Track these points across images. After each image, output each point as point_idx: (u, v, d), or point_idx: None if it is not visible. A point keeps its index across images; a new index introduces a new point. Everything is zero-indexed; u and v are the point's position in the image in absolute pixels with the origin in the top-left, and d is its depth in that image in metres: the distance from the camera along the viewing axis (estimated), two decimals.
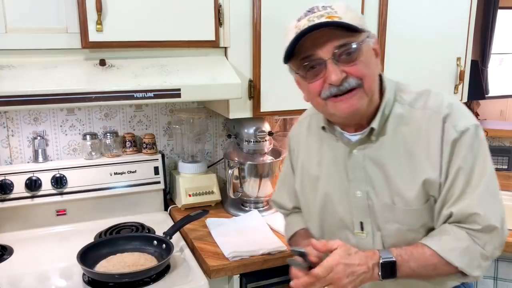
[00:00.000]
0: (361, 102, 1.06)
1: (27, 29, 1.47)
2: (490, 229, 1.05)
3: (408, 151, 1.10)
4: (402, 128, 1.12)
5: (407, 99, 1.14)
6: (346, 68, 1.03)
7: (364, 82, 1.05)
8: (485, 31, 4.68)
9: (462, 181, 1.06)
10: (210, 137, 2.16)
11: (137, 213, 1.91)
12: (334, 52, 1.02)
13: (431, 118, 1.09)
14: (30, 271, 1.48)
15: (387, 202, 1.12)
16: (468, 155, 1.06)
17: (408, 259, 1.05)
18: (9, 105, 1.37)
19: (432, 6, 1.97)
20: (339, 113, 1.08)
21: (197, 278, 1.43)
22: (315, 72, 1.06)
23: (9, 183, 1.71)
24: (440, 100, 1.11)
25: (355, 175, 1.17)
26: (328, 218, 1.24)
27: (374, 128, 1.11)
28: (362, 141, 1.15)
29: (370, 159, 1.14)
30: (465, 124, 1.07)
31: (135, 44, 1.56)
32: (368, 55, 1.07)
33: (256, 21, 1.68)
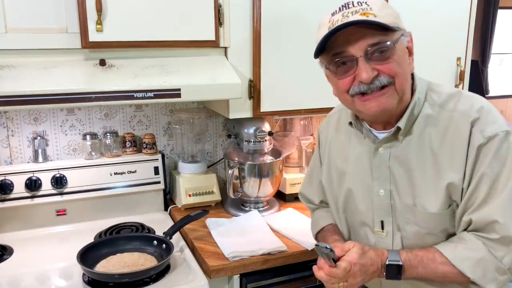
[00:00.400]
0: (391, 101, 1.05)
1: (27, 29, 1.47)
2: (508, 241, 1.02)
3: (434, 153, 1.08)
4: (430, 130, 1.10)
5: (438, 100, 1.12)
6: (378, 66, 1.02)
7: (396, 81, 1.03)
8: (485, 31, 4.68)
9: (485, 188, 1.03)
10: (210, 137, 2.15)
11: (137, 213, 1.91)
12: (366, 50, 1.01)
13: (460, 121, 1.07)
14: (30, 271, 1.48)
15: (409, 204, 1.11)
16: (494, 162, 1.03)
17: (417, 265, 1.04)
18: (9, 105, 1.37)
19: (432, 6, 1.96)
20: (367, 111, 1.07)
21: (197, 278, 1.43)
22: (345, 69, 1.04)
23: (9, 183, 1.71)
24: (471, 103, 1.08)
25: (379, 173, 1.16)
26: (350, 215, 1.24)
27: (400, 128, 1.10)
28: (389, 140, 1.13)
29: (395, 158, 1.13)
30: (493, 130, 1.04)
31: (135, 44, 1.56)
32: (402, 54, 1.05)
33: (256, 21, 1.68)
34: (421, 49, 2.00)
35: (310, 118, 2.12)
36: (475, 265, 1.03)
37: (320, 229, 1.37)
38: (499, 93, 5.19)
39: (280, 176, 1.96)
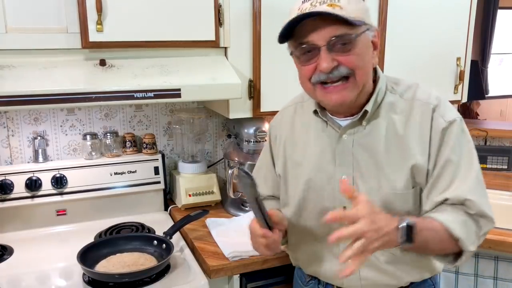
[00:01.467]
0: (351, 94, 1.10)
1: (27, 29, 1.47)
2: (483, 215, 1.09)
3: (398, 137, 1.14)
4: (393, 116, 1.16)
5: (398, 89, 1.19)
6: (339, 57, 1.05)
7: (356, 73, 1.08)
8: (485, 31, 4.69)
9: (452, 169, 1.10)
10: (210, 137, 2.16)
11: (137, 213, 1.91)
12: (329, 40, 1.04)
13: (421, 108, 1.14)
14: (30, 271, 1.48)
15: (374, 186, 1.15)
16: (457, 145, 1.11)
17: (423, 227, 1.04)
18: (9, 105, 1.37)
19: (432, 6, 1.97)
20: (327, 101, 1.12)
21: (197, 278, 1.43)
22: (309, 56, 1.08)
23: (9, 183, 1.71)
24: (428, 93, 1.17)
25: (342, 160, 1.18)
26: (310, 204, 1.25)
27: (367, 112, 1.14)
28: (353, 125, 1.17)
29: (359, 144, 1.17)
30: (452, 115, 1.13)
31: (135, 44, 1.56)
32: (364, 47, 1.08)
33: (256, 21, 1.68)
34: (421, 49, 2.02)
35: None
36: (461, 226, 1.07)
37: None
38: (499, 93, 5.20)
39: None
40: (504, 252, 1.72)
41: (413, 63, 1.99)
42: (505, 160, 2.46)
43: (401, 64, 1.96)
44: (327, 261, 1.25)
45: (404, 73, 1.96)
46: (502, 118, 5.37)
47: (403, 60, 1.97)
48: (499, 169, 2.45)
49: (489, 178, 2.34)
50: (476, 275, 1.81)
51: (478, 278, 1.82)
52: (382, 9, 1.88)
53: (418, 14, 1.96)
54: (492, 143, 2.61)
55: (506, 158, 2.46)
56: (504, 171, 2.44)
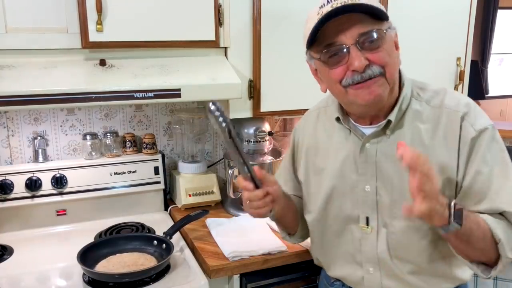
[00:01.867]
0: (383, 89, 1.05)
1: (27, 29, 1.47)
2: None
3: (425, 147, 1.09)
4: (419, 124, 1.11)
5: (424, 96, 1.13)
6: (369, 56, 1.02)
7: (386, 71, 1.04)
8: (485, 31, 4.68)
9: (484, 181, 1.04)
10: (210, 137, 2.16)
11: (137, 213, 1.91)
12: (357, 38, 1.01)
13: (449, 116, 1.08)
14: (30, 271, 1.48)
15: (398, 199, 1.11)
16: (487, 155, 1.05)
17: (471, 218, 0.99)
18: (9, 105, 1.37)
19: (432, 6, 1.97)
20: (360, 100, 1.05)
21: (197, 278, 1.43)
22: (337, 59, 1.04)
23: (9, 183, 1.71)
24: (457, 99, 1.10)
25: (365, 169, 1.15)
26: (332, 211, 1.23)
27: (391, 121, 1.10)
28: (376, 135, 1.13)
29: (383, 153, 1.13)
30: (483, 123, 1.06)
31: (135, 44, 1.56)
32: (391, 45, 1.06)
33: (256, 21, 1.68)
34: (421, 49, 2.02)
35: None
36: (504, 229, 1.02)
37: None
38: (499, 93, 5.19)
39: None
40: None
41: (413, 63, 1.98)
42: None
43: (401, 64, 1.96)
44: (350, 267, 1.23)
45: None
46: (502, 118, 5.37)
47: (402, 60, 1.96)
48: None
49: None
50: (476, 275, 1.81)
51: (478, 278, 1.82)
52: None
53: (418, 14, 1.96)
54: None
55: None
56: None
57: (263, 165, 1.87)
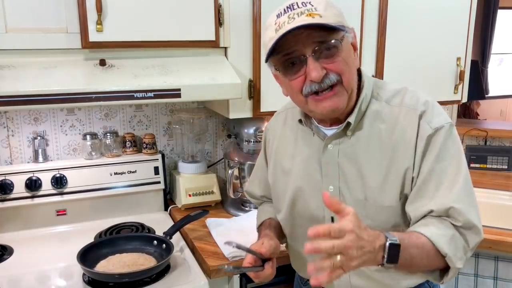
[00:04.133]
0: (342, 99, 1.07)
1: (27, 29, 1.47)
2: (469, 225, 1.04)
3: (384, 147, 1.10)
4: (378, 125, 1.12)
5: (384, 95, 1.15)
6: (326, 65, 1.03)
7: (343, 78, 1.05)
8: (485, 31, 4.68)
9: (437, 178, 1.06)
10: (210, 137, 2.16)
11: (137, 213, 1.91)
12: (314, 48, 1.02)
13: (408, 115, 1.09)
14: (30, 271, 1.48)
15: (360, 198, 1.12)
16: (443, 152, 1.06)
17: (409, 245, 0.99)
18: (9, 105, 1.37)
19: (432, 6, 1.97)
20: (320, 111, 1.08)
21: (197, 278, 1.43)
22: (296, 68, 1.05)
23: (9, 183, 1.71)
24: (416, 98, 1.12)
25: (328, 170, 1.17)
26: (299, 211, 1.24)
27: (350, 123, 1.12)
28: (338, 136, 1.15)
29: (344, 154, 1.15)
30: (440, 121, 1.08)
31: (135, 44, 1.56)
32: (347, 51, 1.07)
33: (256, 21, 1.68)
34: (421, 49, 2.02)
35: None
36: (449, 241, 1.02)
37: (260, 223, 1.39)
38: (499, 93, 5.20)
39: None
40: (504, 252, 1.72)
41: (413, 63, 1.99)
42: (505, 160, 2.46)
43: (401, 65, 1.96)
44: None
45: (404, 73, 1.98)
46: (502, 118, 5.37)
47: (403, 60, 1.97)
48: (499, 169, 2.45)
49: (489, 178, 2.34)
50: (476, 275, 1.81)
51: (478, 278, 1.82)
52: (382, 10, 1.88)
53: (418, 14, 1.96)
54: (492, 143, 2.61)
55: (506, 158, 2.46)
56: (504, 171, 2.45)
57: None
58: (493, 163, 2.46)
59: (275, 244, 1.22)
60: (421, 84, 1.95)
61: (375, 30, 1.89)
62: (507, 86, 5.34)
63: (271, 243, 1.21)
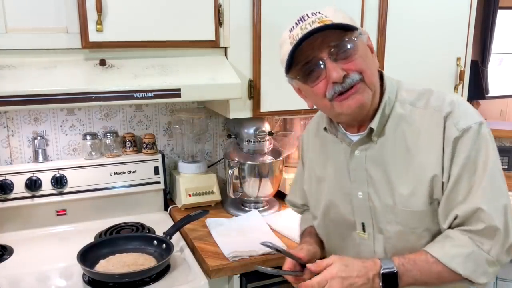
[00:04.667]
0: (366, 96, 1.06)
1: (27, 29, 1.47)
2: (493, 231, 1.02)
3: (410, 151, 1.09)
4: (404, 128, 1.11)
5: (409, 98, 1.13)
6: (345, 66, 1.04)
7: (364, 76, 1.05)
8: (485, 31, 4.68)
9: (466, 181, 1.04)
10: (210, 137, 2.16)
11: (137, 213, 1.91)
12: (330, 51, 1.03)
13: (433, 117, 1.07)
14: (30, 271, 1.48)
15: (389, 203, 1.11)
16: (471, 154, 1.04)
17: (411, 268, 1.03)
18: (9, 105, 1.37)
19: (432, 6, 1.97)
20: (346, 110, 1.07)
21: (197, 278, 1.43)
22: (315, 75, 1.06)
23: (9, 183, 1.71)
24: (442, 99, 1.10)
25: (356, 176, 1.17)
26: (333, 218, 1.25)
27: (373, 129, 1.11)
28: (363, 141, 1.14)
29: (371, 159, 1.14)
30: (467, 122, 1.05)
31: (135, 44, 1.56)
32: (364, 50, 1.07)
33: (256, 21, 1.68)
34: (421, 49, 2.02)
35: (310, 118, 2.12)
36: (465, 260, 1.02)
37: (302, 231, 1.41)
38: (499, 93, 5.20)
39: (280, 176, 1.96)
40: None
41: (413, 63, 1.99)
42: (505, 160, 2.46)
43: (401, 64, 1.96)
44: None
45: (404, 74, 1.96)
46: (502, 118, 5.37)
47: (403, 60, 1.97)
48: None
49: None
50: None
51: None
52: (382, 10, 1.88)
53: (418, 14, 1.95)
54: None
55: (506, 158, 2.46)
56: (504, 171, 2.43)
57: (263, 165, 1.87)
58: None
59: (314, 250, 1.23)
60: (421, 84, 1.94)
61: (375, 30, 1.89)
62: (507, 86, 5.34)
63: (309, 248, 1.22)
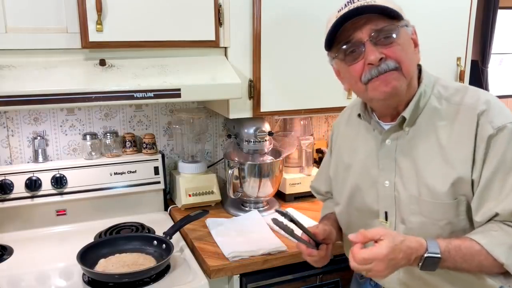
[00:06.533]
0: (400, 83, 1.08)
1: (27, 29, 1.47)
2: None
3: (441, 145, 1.10)
4: (436, 122, 1.12)
5: (444, 93, 1.15)
6: (384, 50, 1.06)
7: (402, 66, 1.07)
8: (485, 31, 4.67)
9: (502, 179, 1.04)
10: (210, 137, 2.16)
11: (137, 213, 1.91)
12: (371, 34, 1.05)
13: (467, 114, 1.08)
14: (30, 271, 1.48)
15: (414, 194, 1.13)
16: (507, 152, 1.04)
17: (455, 255, 1.01)
18: (9, 105, 1.37)
19: (432, 6, 1.96)
20: (378, 94, 1.09)
21: (197, 278, 1.43)
22: (354, 56, 1.08)
23: (9, 183, 1.71)
24: (477, 96, 1.11)
25: (385, 165, 1.18)
26: (356, 205, 1.26)
27: (405, 118, 1.12)
28: (394, 130, 1.16)
29: (401, 149, 1.16)
30: (502, 120, 1.05)
31: (135, 44, 1.56)
32: (406, 41, 1.09)
33: (256, 21, 1.68)
34: (421, 49, 2.01)
35: (310, 118, 2.12)
36: (509, 250, 1.02)
37: (323, 216, 1.43)
38: (499, 93, 5.19)
39: (280, 176, 1.96)
40: None
41: None
42: None
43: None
44: None
45: None
46: None
47: None
48: None
49: None
50: None
51: None
52: None
53: (418, 14, 1.94)
54: None
55: None
56: None
57: (263, 165, 1.87)
58: None
59: (330, 230, 1.24)
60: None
61: None
62: (507, 86, 5.34)
63: (326, 228, 1.23)
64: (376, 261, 0.97)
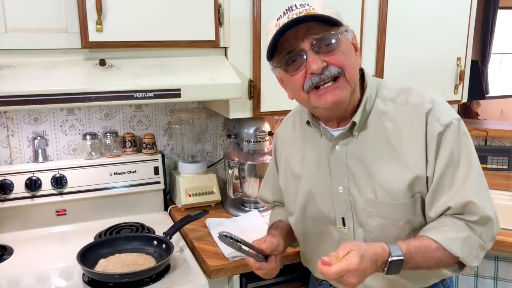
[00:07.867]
0: (344, 92, 1.08)
1: (27, 29, 1.47)
2: (485, 220, 1.07)
3: (391, 146, 1.12)
4: (385, 123, 1.13)
5: (389, 95, 1.16)
6: (326, 58, 1.05)
7: (345, 72, 1.07)
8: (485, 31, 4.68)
9: (452, 173, 1.08)
10: (210, 137, 2.16)
11: (137, 213, 1.91)
12: (313, 43, 1.05)
13: (414, 113, 1.11)
14: (30, 271, 1.48)
15: (370, 198, 1.13)
16: (455, 148, 1.08)
17: (416, 254, 1.04)
18: (9, 105, 1.37)
19: (432, 6, 1.97)
20: (322, 105, 1.09)
21: (197, 278, 1.43)
22: (296, 65, 1.08)
23: (9, 183, 1.71)
24: (422, 96, 1.13)
25: (337, 171, 1.18)
26: (311, 214, 1.25)
27: (355, 123, 1.13)
28: (344, 136, 1.16)
29: (352, 154, 1.16)
30: (448, 118, 1.09)
31: (135, 44, 1.56)
32: (347, 47, 1.09)
33: (256, 21, 1.68)
34: (421, 49, 2.02)
35: None
36: (462, 244, 1.06)
37: (270, 225, 1.42)
38: (499, 93, 5.20)
39: None
40: (504, 252, 1.72)
41: (413, 63, 1.99)
42: (505, 160, 2.46)
43: (401, 64, 1.96)
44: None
45: (404, 73, 1.98)
46: (502, 118, 5.37)
47: (403, 60, 1.97)
48: (499, 169, 2.45)
49: (489, 178, 2.31)
50: (476, 275, 1.81)
51: (478, 278, 1.82)
52: (382, 10, 1.88)
53: (418, 14, 1.95)
54: (492, 143, 2.61)
55: (506, 158, 2.46)
56: (504, 171, 2.44)
57: (263, 165, 1.87)
58: (493, 163, 2.46)
59: (277, 242, 1.23)
60: (421, 84, 1.93)
61: (375, 30, 1.89)
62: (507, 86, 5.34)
63: (273, 240, 1.22)
64: (349, 273, 0.97)
